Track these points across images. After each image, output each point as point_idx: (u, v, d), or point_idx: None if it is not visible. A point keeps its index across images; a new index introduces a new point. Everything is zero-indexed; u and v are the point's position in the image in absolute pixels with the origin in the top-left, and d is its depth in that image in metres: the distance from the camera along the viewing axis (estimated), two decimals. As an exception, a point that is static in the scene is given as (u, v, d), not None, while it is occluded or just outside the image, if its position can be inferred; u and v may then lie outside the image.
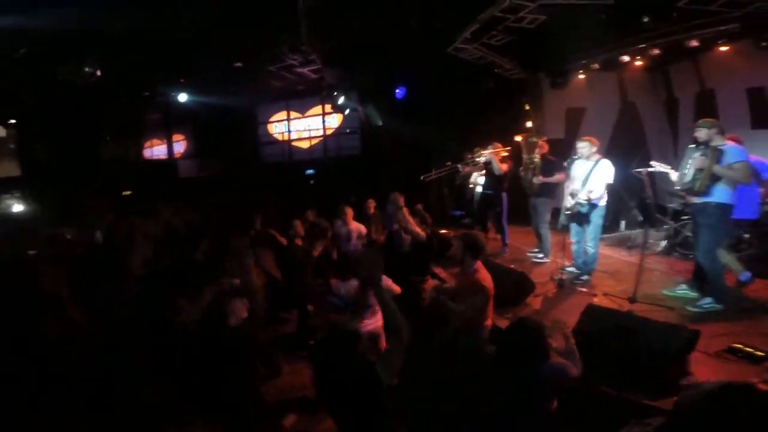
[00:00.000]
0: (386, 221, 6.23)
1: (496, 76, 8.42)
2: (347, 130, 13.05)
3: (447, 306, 3.48)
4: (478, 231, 6.52)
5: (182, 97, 11.41)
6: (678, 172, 4.02)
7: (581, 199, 4.68)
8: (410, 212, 5.59)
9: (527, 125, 8.33)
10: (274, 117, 14.33)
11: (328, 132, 13.53)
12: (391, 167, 11.39)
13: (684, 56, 6.61)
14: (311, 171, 13.50)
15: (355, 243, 6.00)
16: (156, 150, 14.90)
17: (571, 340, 2.51)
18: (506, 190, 6.26)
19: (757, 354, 2.93)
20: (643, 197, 5.48)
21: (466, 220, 8.49)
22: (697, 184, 3.75)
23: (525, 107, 8.55)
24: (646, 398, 2.62)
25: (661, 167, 4.27)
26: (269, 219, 6.61)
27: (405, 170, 11.21)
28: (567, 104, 8.01)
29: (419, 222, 5.80)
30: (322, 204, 8.83)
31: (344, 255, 6.00)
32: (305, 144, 13.99)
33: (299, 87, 12.23)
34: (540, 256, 5.79)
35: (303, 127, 13.96)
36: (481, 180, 6.74)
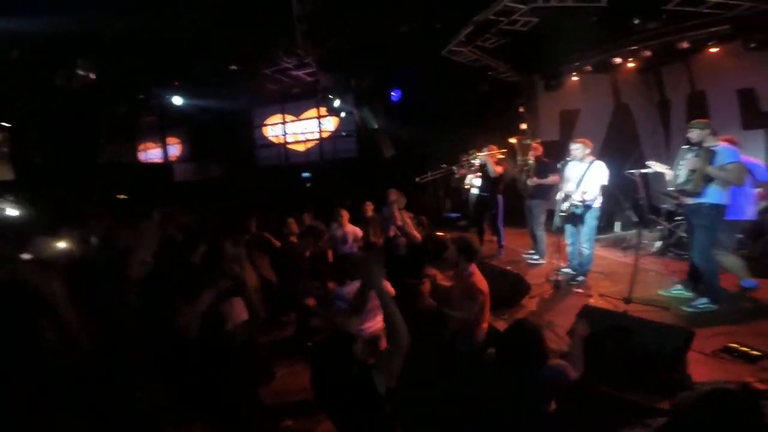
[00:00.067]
0: (384, 223, 6.23)
1: (491, 79, 8.45)
2: (343, 133, 13.04)
3: (446, 313, 3.51)
4: (473, 233, 6.55)
5: (177, 100, 11.36)
6: (671, 173, 4.05)
7: (575, 201, 4.70)
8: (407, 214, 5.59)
9: (522, 127, 8.37)
10: (270, 120, 14.29)
11: (324, 135, 13.51)
12: (387, 170, 11.41)
13: (675, 58, 6.69)
14: (307, 174, 13.49)
15: (351, 245, 5.99)
16: (150, 153, 14.79)
17: (579, 346, 2.54)
18: (501, 192, 6.28)
19: (753, 353, 2.95)
20: (637, 198, 5.51)
21: (462, 222, 8.51)
22: (691, 185, 3.77)
23: (519, 110, 8.60)
24: (643, 398, 2.62)
25: (659, 167, 4.29)
26: (264, 222, 6.59)
27: (401, 173, 11.26)
28: (561, 106, 8.05)
29: (415, 224, 5.80)
30: (319, 207, 8.84)
31: (340, 258, 6.00)
32: (301, 147, 13.97)
33: (294, 90, 12.23)
34: (535, 258, 5.81)
35: (299, 130, 13.95)
36: (477, 182, 6.76)
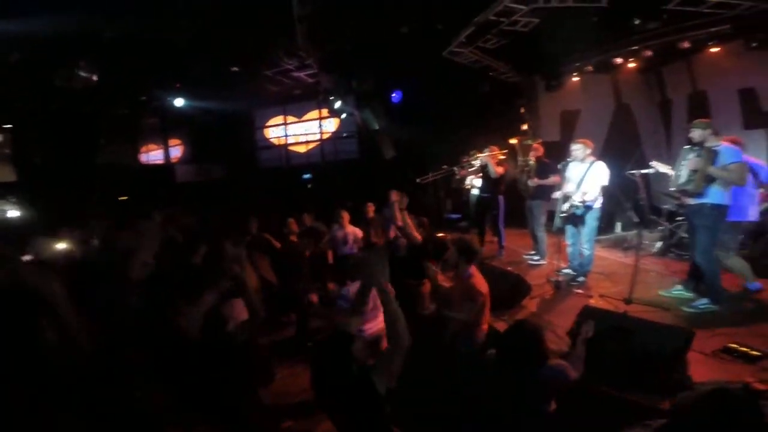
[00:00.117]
0: (385, 224, 6.23)
1: (492, 80, 8.46)
2: (344, 134, 13.06)
3: (446, 315, 3.52)
4: (474, 234, 6.55)
5: (178, 102, 11.39)
6: (671, 173, 4.03)
7: (576, 202, 4.70)
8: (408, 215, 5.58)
9: (522, 128, 8.37)
10: (271, 121, 14.33)
11: (325, 136, 13.54)
12: (388, 171, 11.41)
13: (676, 58, 6.68)
14: (308, 175, 13.51)
15: (351, 246, 6.00)
16: (152, 155, 14.85)
17: (582, 347, 2.54)
18: (502, 193, 6.28)
19: (753, 354, 2.93)
20: (637, 199, 5.50)
21: (463, 223, 8.50)
22: (692, 185, 3.75)
23: (520, 110, 8.60)
24: (643, 398, 2.61)
25: (662, 167, 4.27)
26: (265, 223, 6.60)
27: (402, 174, 11.26)
28: (562, 107, 8.05)
29: (416, 225, 5.80)
30: (320, 208, 8.84)
31: (341, 258, 6.01)
32: (302, 148, 14.00)
33: (296, 91, 12.25)
34: (536, 258, 5.80)
35: (300, 132, 13.98)
36: (478, 183, 6.76)
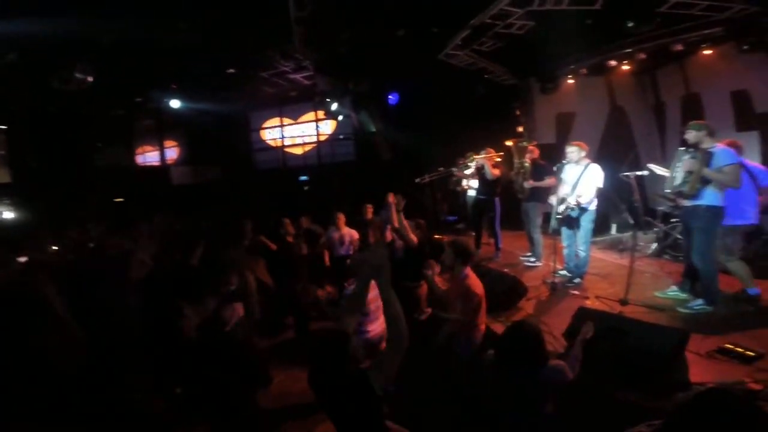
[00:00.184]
0: (383, 226, 6.23)
1: (487, 82, 8.50)
2: (341, 136, 13.06)
3: (442, 316, 3.53)
4: (471, 236, 6.57)
5: (174, 104, 11.36)
6: (668, 175, 4.04)
7: (571, 204, 4.72)
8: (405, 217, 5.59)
9: (518, 130, 8.40)
10: (267, 123, 14.31)
11: (322, 138, 13.54)
12: (385, 173, 11.41)
13: (670, 60, 6.74)
14: (305, 177, 13.49)
15: (348, 248, 5.99)
16: (148, 156, 14.78)
17: (579, 347, 2.55)
18: (499, 195, 6.30)
19: (748, 354, 2.95)
20: (632, 201, 5.54)
21: (460, 225, 8.53)
22: (687, 187, 3.75)
23: (516, 112, 8.64)
24: (640, 399, 2.62)
25: (659, 170, 4.28)
26: (262, 225, 6.59)
27: (398, 176, 11.26)
28: (557, 109, 8.09)
29: (413, 227, 5.81)
30: (317, 210, 8.83)
31: (337, 260, 6.00)
32: (299, 150, 13.99)
33: (292, 93, 12.24)
34: (532, 260, 5.81)
35: (296, 134, 13.97)
36: (475, 185, 6.77)
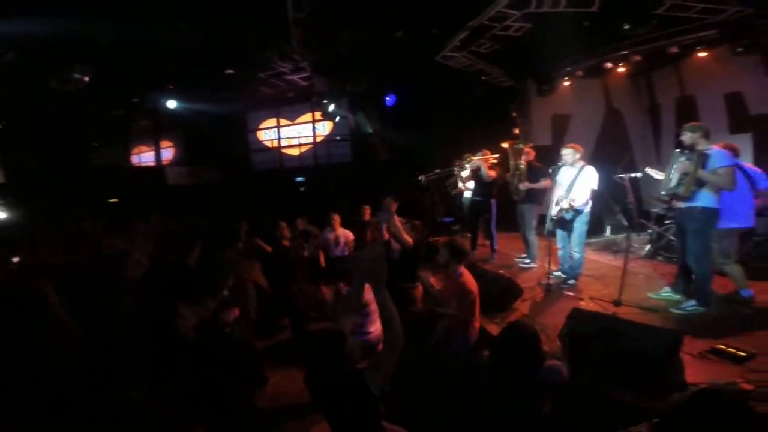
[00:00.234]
0: (380, 227, 6.22)
1: (484, 84, 8.52)
2: (338, 138, 13.07)
3: (438, 312, 3.55)
4: (466, 238, 6.58)
5: (171, 104, 11.33)
6: (663, 177, 4.04)
7: (564, 206, 4.74)
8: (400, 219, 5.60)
9: (515, 132, 8.43)
10: (264, 124, 14.31)
11: (319, 139, 13.55)
12: (382, 174, 11.42)
13: (665, 62, 6.78)
14: (301, 178, 13.49)
15: (343, 249, 5.99)
16: (144, 157, 14.72)
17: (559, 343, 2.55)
18: (495, 197, 6.31)
19: (740, 354, 2.96)
20: (626, 202, 5.56)
21: (456, 227, 8.53)
22: (683, 189, 3.75)
23: (512, 114, 8.67)
24: (634, 399, 2.63)
25: (656, 174, 4.29)
26: (258, 227, 6.58)
27: (396, 177, 11.26)
28: (553, 111, 8.12)
29: (409, 228, 5.81)
30: (313, 211, 8.82)
31: (333, 261, 6.00)
32: (295, 151, 13.99)
33: (289, 94, 12.24)
34: (527, 262, 5.82)
35: (293, 135, 13.97)
36: (471, 186, 6.77)
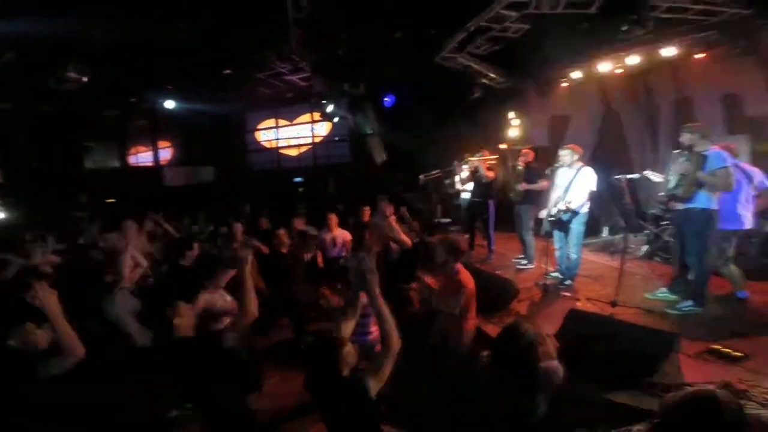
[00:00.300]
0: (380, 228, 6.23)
1: (483, 85, 8.54)
2: (336, 138, 13.08)
3: (435, 306, 3.55)
4: (465, 238, 6.58)
5: (169, 104, 11.32)
6: (662, 178, 4.07)
7: (562, 207, 4.75)
8: (397, 219, 5.61)
9: (513, 133, 8.45)
10: (263, 124, 14.31)
11: (317, 140, 13.55)
12: (380, 175, 11.43)
13: (663, 64, 6.78)
14: (300, 179, 13.49)
15: (340, 249, 5.99)
16: (141, 157, 14.64)
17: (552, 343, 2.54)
18: (493, 198, 6.32)
19: (735, 355, 2.99)
20: (624, 203, 5.59)
21: (453, 228, 8.54)
22: (681, 190, 3.76)
23: (510, 115, 8.69)
24: (630, 400, 2.64)
25: (655, 177, 4.30)
26: (255, 227, 6.60)
27: (393, 178, 11.28)
28: (551, 112, 8.14)
29: (406, 229, 5.83)
30: (311, 212, 8.83)
31: (330, 261, 6.00)
32: (294, 152, 13.99)
33: (288, 94, 12.25)
34: (524, 263, 5.83)
35: (292, 135, 13.97)
36: (469, 187, 6.79)
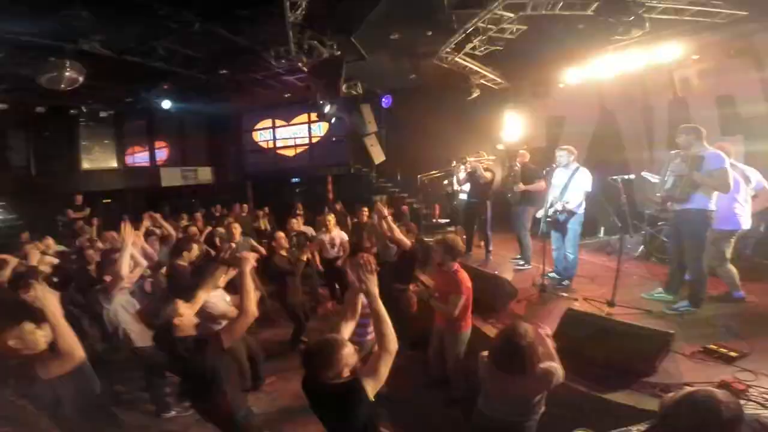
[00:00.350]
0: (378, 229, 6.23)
1: (480, 86, 8.57)
2: (333, 139, 13.07)
3: (434, 305, 3.59)
4: (463, 239, 6.59)
5: (166, 104, 11.27)
6: (659, 179, 4.07)
7: (558, 208, 4.77)
8: (395, 219, 5.62)
9: (510, 134, 8.48)
10: (260, 125, 14.27)
11: (314, 140, 13.54)
12: (378, 175, 11.45)
13: (659, 65, 6.82)
14: (297, 179, 13.48)
15: (338, 249, 5.99)
16: (138, 157, 14.54)
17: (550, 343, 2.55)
18: (490, 198, 6.34)
19: (731, 354, 3.00)
20: (619, 204, 5.60)
21: (451, 228, 8.56)
22: (678, 191, 3.76)
23: (507, 116, 8.72)
24: (628, 400, 2.66)
25: (653, 178, 4.33)
26: (250, 229, 6.59)
27: (391, 178, 11.31)
28: (548, 113, 8.17)
29: (405, 230, 5.83)
30: (308, 212, 8.83)
31: (328, 261, 6.00)
32: (291, 152, 13.97)
33: (285, 95, 12.22)
34: (521, 263, 5.84)
35: (288, 135, 13.94)
36: (466, 188, 6.80)
